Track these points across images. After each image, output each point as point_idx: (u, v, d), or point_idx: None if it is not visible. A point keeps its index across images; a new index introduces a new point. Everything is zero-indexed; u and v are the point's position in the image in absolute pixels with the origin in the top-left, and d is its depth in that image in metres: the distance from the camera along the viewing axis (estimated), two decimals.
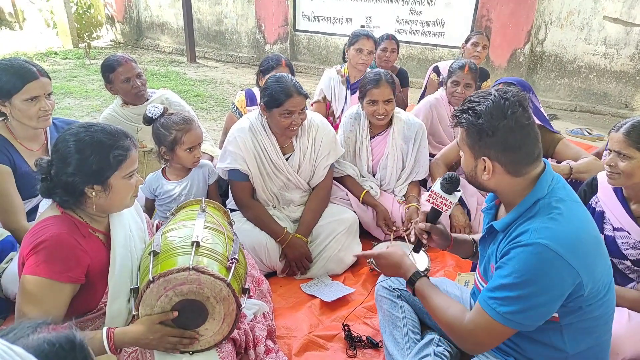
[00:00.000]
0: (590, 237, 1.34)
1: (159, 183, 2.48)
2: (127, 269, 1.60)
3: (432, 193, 1.65)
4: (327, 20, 7.60)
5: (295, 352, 2.01)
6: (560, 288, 1.27)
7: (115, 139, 1.53)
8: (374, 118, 2.78)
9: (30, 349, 0.66)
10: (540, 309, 1.29)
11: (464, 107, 1.40)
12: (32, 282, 1.42)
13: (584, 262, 1.28)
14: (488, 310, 1.34)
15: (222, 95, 6.26)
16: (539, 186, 1.37)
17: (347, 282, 2.52)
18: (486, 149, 1.37)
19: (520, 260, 1.29)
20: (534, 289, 1.27)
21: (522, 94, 1.37)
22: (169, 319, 1.49)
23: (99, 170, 1.49)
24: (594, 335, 1.41)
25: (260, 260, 2.47)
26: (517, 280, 1.28)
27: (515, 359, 1.49)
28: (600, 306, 1.37)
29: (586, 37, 6.02)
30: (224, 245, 1.67)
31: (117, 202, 1.57)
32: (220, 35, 8.72)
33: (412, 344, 1.78)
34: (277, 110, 2.35)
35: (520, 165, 1.37)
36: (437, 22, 6.79)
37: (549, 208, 1.33)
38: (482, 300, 1.37)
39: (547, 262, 1.25)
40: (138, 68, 2.84)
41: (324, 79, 3.75)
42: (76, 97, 5.82)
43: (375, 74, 2.77)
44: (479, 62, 4.05)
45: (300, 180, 2.60)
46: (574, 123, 5.69)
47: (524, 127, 1.33)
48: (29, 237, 1.48)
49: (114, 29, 9.71)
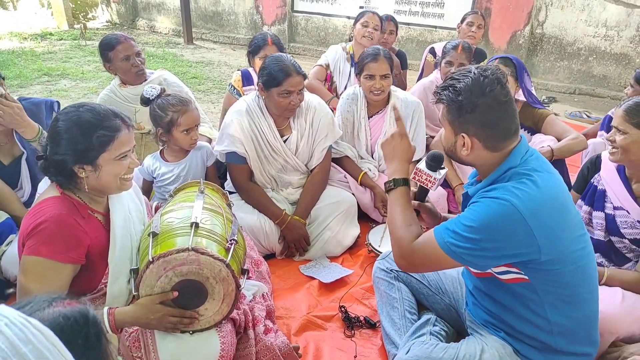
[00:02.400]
0: (557, 204, 1.38)
1: (157, 165, 2.47)
2: (127, 250, 1.61)
3: (417, 171, 1.69)
4: (326, 0, 7.50)
5: (294, 332, 2.04)
6: (510, 244, 1.33)
7: (102, 119, 1.51)
8: (370, 93, 2.78)
9: (45, 322, 0.68)
10: (484, 254, 1.36)
11: (445, 84, 1.43)
12: (33, 263, 1.43)
13: (545, 227, 1.32)
14: (438, 238, 1.41)
15: (219, 77, 6.21)
16: (512, 157, 1.42)
17: (346, 264, 2.54)
18: (465, 125, 1.41)
19: (482, 208, 1.36)
20: (485, 236, 1.34)
21: (500, 71, 1.40)
22: (169, 299, 1.50)
23: (85, 150, 1.49)
24: (574, 305, 1.43)
25: (259, 242, 2.48)
26: (474, 224, 1.35)
27: (505, 332, 1.53)
28: (573, 273, 1.40)
29: (587, 18, 5.97)
30: (222, 227, 1.67)
31: (108, 182, 1.55)
32: (218, 16, 8.61)
33: (409, 324, 1.81)
34: (276, 90, 2.34)
35: (498, 140, 1.41)
36: (436, 3, 6.72)
37: (520, 175, 1.38)
38: (436, 229, 1.44)
39: (506, 217, 1.31)
40: (137, 46, 2.82)
41: (330, 51, 3.78)
42: (72, 79, 5.77)
43: (373, 49, 2.79)
44: (474, 42, 4.01)
45: (298, 162, 2.60)
46: (573, 106, 5.68)
47: (501, 104, 1.37)
48: (29, 217, 1.48)
49: (109, 9, 9.57)
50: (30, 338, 0.62)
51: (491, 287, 1.52)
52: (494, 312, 1.55)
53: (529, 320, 1.46)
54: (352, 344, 1.99)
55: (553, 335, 1.44)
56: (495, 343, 1.51)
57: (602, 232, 2.00)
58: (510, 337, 1.51)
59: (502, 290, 1.48)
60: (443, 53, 3.26)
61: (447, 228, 1.41)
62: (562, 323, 1.43)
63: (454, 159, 1.53)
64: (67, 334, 0.70)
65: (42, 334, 0.65)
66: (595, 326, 1.52)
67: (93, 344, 0.74)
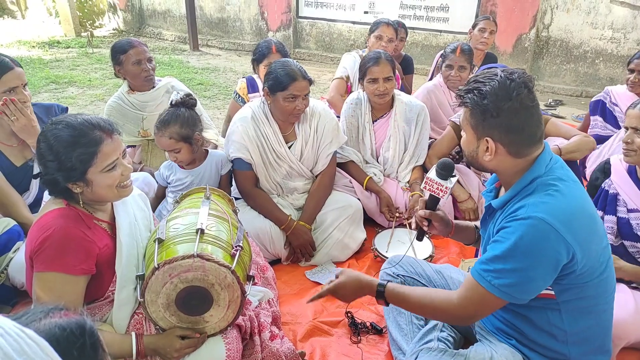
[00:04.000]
0: (586, 215, 1.35)
1: (172, 170, 2.49)
2: (134, 257, 1.62)
3: (428, 180, 1.67)
4: (330, 6, 7.52)
5: (300, 338, 2.03)
6: (554, 261, 1.29)
7: (78, 135, 1.46)
8: (374, 97, 2.79)
9: (41, 333, 0.67)
10: (534, 281, 1.31)
11: (469, 87, 1.39)
12: (49, 279, 1.44)
13: (579, 236, 1.29)
14: (482, 282, 1.35)
15: (225, 84, 6.24)
16: (537, 165, 1.38)
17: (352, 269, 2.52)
18: (490, 129, 1.37)
19: (515, 233, 1.30)
20: (529, 261, 1.29)
21: (527, 75, 1.37)
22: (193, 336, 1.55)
23: (72, 167, 1.46)
24: (593, 315, 1.42)
25: (265, 247, 2.48)
26: (512, 252, 1.30)
27: (517, 340, 1.50)
28: (597, 285, 1.38)
29: (593, 21, 5.94)
30: (228, 233, 1.67)
31: (104, 194, 1.54)
32: (223, 22, 8.66)
33: (416, 329, 1.80)
34: (281, 94, 2.35)
35: (522, 146, 1.38)
36: (441, 7, 6.71)
37: (546, 186, 1.34)
38: (475, 272, 1.38)
39: (542, 235, 1.27)
40: (149, 53, 2.85)
41: (347, 59, 3.72)
42: (80, 86, 5.82)
43: (374, 52, 2.81)
44: (486, 48, 4.00)
45: (303, 168, 2.60)
46: (579, 109, 5.64)
47: (528, 108, 1.34)
48: (36, 230, 1.48)
49: (116, 17, 9.65)
50: (24, 349, 0.62)
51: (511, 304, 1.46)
52: (508, 321, 1.51)
53: (545, 330, 1.43)
54: (359, 350, 1.98)
55: (568, 345, 1.42)
56: (505, 351, 1.49)
57: (612, 236, 1.98)
58: (521, 345, 1.49)
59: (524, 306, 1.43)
60: (443, 57, 3.27)
61: (486, 269, 1.35)
62: (578, 333, 1.41)
63: (475, 165, 1.49)
64: (62, 345, 0.69)
65: (37, 345, 0.64)
66: (609, 336, 1.49)
67: (89, 355, 0.73)
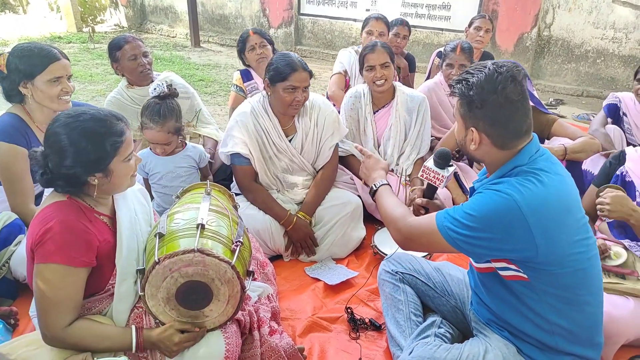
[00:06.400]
0: (561, 206, 1.37)
1: (148, 159, 2.52)
2: (134, 251, 1.63)
3: (425, 168, 1.70)
4: (332, 3, 7.51)
5: (299, 334, 2.04)
6: (506, 238, 1.33)
7: (108, 125, 1.51)
8: (373, 85, 2.82)
9: None
10: (479, 243, 1.37)
11: (459, 77, 1.44)
12: (49, 270, 1.44)
13: (544, 226, 1.32)
14: (437, 220, 1.45)
15: (226, 80, 6.24)
16: (520, 155, 1.41)
17: (351, 266, 2.54)
18: (475, 120, 1.41)
19: (484, 199, 1.37)
20: (483, 226, 1.34)
21: (517, 69, 1.38)
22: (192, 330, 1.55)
23: (98, 159, 1.49)
24: (575, 306, 1.42)
25: (265, 243, 2.49)
26: (474, 212, 1.36)
27: (509, 332, 1.53)
28: (573, 275, 1.39)
29: (594, 20, 5.94)
30: (228, 228, 1.68)
31: (119, 184, 1.60)
32: (224, 19, 8.65)
33: (414, 326, 1.81)
34: (281, 85, 2.36)
35: (507, 139, 1.41)
36: (443, 5, 6.71)
37: (526, 173, 1.38)
38: (438, 213, 1.48)
39: (506, 211, 1.32)
40: (144, 47, 2.87)
41: (343, 56, 3.76)
42: (81, 82, 5.82)
43: (371, 42, 2.88)
44: (481, 47, 4.01)
45: (304, 162, 2.61)
46: (580, 108, 5.64)
47: (513, 102, 1.36)
48: (37, 223, 1.48)
49: (117, 12, 9.64)
50: None
51: (493, 283, 1.52)
52: (496, 311, 1.55)
53: (530, 320, 1.45)
54: (357, 346, 1.99)
55: (553, 335, 1.44)
56: (499, 343, 1.51)
57: None
58: (513, 336, 1.51)
59: (504, 287, 1.48)
60: (443, 55, 3.28)
61: (448, 213, 1.44)
62: (562, 324, 1.43)
63: (465, 153, 1.55)
64: None
65: None
66: (598, 330, 1.50)
67: None
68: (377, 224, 2.83)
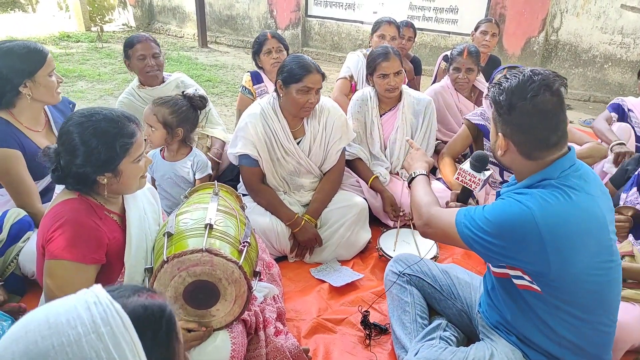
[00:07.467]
0: (583, 227, 1.32)
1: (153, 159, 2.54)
2: (142, 250, 1.64)
3: (461, 171, 1.68)
4: (340, 5, 7.53)
5: (304, 335, 2.05)
6: (518, 249, 1.32)
7: (120, 126, 1.51)
8: (385, 92, 2.83)
9: (126, 308, 0.74)
10: (491, 247, 1.37)
11: (496, 81, 1.42)
12: (59, 267, 1.46)
13: (559, 244, 1.29)
14: (457, 216, 1.47)
15: (233, 81, 6.26)
16: (551, 168, 1.37)
17: (356, 268, 2.54)
18: (503, 125, 1.39)
19: (504, 206, 1.36)
20: (497, 232, 1.34)
21: (554, 78, 1.33)
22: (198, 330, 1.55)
23: (108, 159, 1.50)
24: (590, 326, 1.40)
25: (271, 244, 2.50)
26: (491, 217, 1.36)
27: (517, 337, 1.52)
28: (585, 296, 1.36)
29: (602, 26, 5.92)
30: (236, 229, 1.69)
31: (128, 185, 1.60)
32: (232, 20, 8.69)
33: (420, 328, 1.81)
34: (295, 86, 2.37)
35: (533, 149, 1.37)
36: (450, 8, 6.71)
37: (554, 187, 1.34)
38: (460, 210, 1.50)
39: (522, 224, 1.30)
40: (156, 49, 2.89)
41: (352, 58, 3.72)
42: (89, 81, 5.86)
43: (382, 48, 2.85)
44: (488, 51, 4.00)
45: (312, 165, 2.61)
46: (587, 113, 5.63)
47: (542, 112, 1.32)
48: (48, 220, 1.50)
49: (126, 12, 9.70)
50: (109, 320, 0.70)
51: (508, 289, 1.50)
52: (507, 316, 1.54)
53: (539, 329, 1.44)
54: (362, 348, 1.99)
55: (561, 348, 1.43)
56: (505, 348, 1.51)
57: None
58: (520, 342, 1.51)
59: (518, 295, 1.47)
60: (450, 59, 3.27)
61: (468, 212, 1.45)
62: (571, 339, 1.41)
63: (495, 159, 1.55)
64: (141, 323, 0.74)
65: (121, 319, 0.71)
66: (608, 348, 1.48)
67: (162, 339, 0.77)
68: (383, 226, 2.84)
